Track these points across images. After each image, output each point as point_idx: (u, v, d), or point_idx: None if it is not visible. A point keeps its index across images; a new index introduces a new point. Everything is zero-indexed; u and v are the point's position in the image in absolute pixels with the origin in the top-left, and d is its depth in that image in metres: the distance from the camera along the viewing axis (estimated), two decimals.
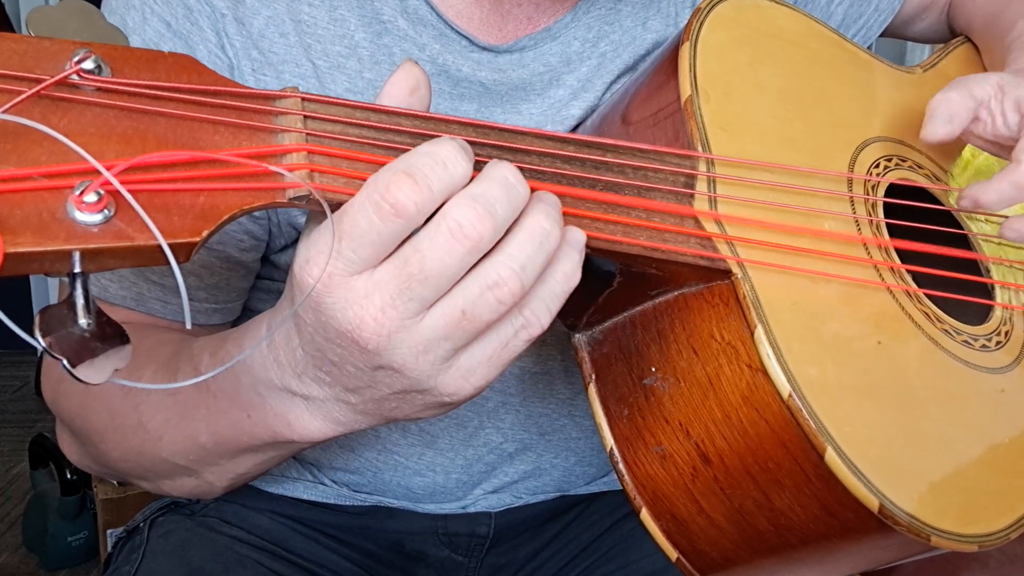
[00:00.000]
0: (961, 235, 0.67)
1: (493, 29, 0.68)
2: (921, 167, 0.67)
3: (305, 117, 0.42)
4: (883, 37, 0.88)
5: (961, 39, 0.82)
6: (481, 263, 0.41)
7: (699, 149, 0.53)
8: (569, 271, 0.44)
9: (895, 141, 0.66)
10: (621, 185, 0.49)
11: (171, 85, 0.39)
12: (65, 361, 0.34)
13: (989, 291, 0.65)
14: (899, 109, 0.68)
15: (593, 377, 0.56)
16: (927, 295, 0.59)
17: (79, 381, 0.35)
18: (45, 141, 0.35)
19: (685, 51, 0.56)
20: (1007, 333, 0.63)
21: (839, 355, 0.51)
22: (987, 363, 0.59)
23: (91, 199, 0.34)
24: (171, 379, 0.55)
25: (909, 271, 0.59)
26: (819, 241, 0.55)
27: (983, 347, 0.60)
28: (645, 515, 0.54)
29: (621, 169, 0.49)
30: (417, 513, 0.76)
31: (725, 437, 0.50)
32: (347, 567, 0.76)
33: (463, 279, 0.41)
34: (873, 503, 0.48)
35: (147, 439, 0.57)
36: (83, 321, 0.35)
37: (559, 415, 0.76)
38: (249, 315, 0.71)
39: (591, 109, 0.70)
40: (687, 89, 0.55)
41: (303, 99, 0.42)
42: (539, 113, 0.69)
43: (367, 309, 0.41)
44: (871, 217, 0.59)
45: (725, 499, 0.51)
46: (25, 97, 0.35)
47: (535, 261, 0.42)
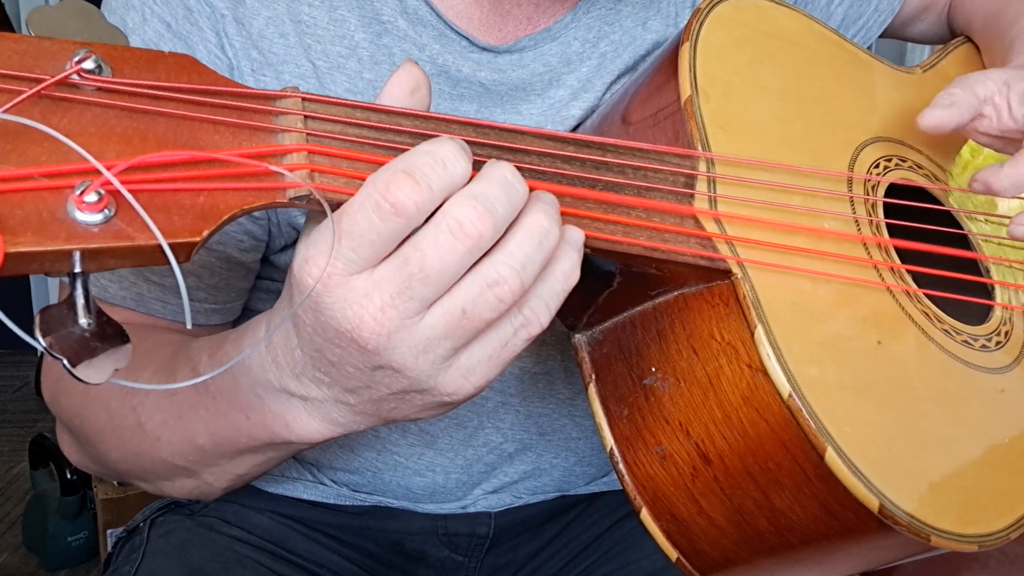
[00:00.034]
0: (961, 235, 0.67)
1: (493, 29, 0.68)
2: (921, 167, 0.67)
3: (305, 117, 0.42)
4: (883, 38, 0.88)
5: (961, 39, 0.82)
6: (481, 262, 0.41)
7: (699, 149, 0.53)
8: (568, 269, 0.44)
9: (895, 141, 0.66)
10: (621, 185, 0.49)
11: (171, 85, 0.39)
12: (65, 361, 0.34)
13: (989, 291, 0.65)
14: (899, 109, 0.68)
15: (593, 377, 0.56)
16: (927, 295, 0.59)
17: (79, 381, 0.35)
18: (45, 141, 0.35)
19: (685, 51, 0.56)
20: (1007, 333, 0.63)
21: (839, 355, 0.51)
22: (987, 363, 0.59)
23: (91, 199, 0.34)
24: (169, 380, 0.55)
25: (909, 271, 0.59)
26: (819, 241, 0.55)
27: (983, 347, 0.60)
28: (645, 515, 0.54)
29: (621, 169, 0.49)
30: (417, 513, 0.76)
31: (725, 437, 0.50)
32: (347, 567, 0.76)
33: (463, 278, 0.41)
34: (873, 503, 0.48)
35: (145, 440, 0.57)
36: (83, 321, 0.35)
37: (559, 415, 0.76)
38: (249, 315, 0.70)
39: (591, 109, 0.70)
40: (687, 89, 0.55)
41: (303, 99, 0.42)
42: (539, 113, 0.69)
43: (367, 308, 0.41)
44: (871, 217, 0.59)
45: (725, 499, 0.51)
46: (25, 97, 0.35)
47: (535, 259, 0.42)
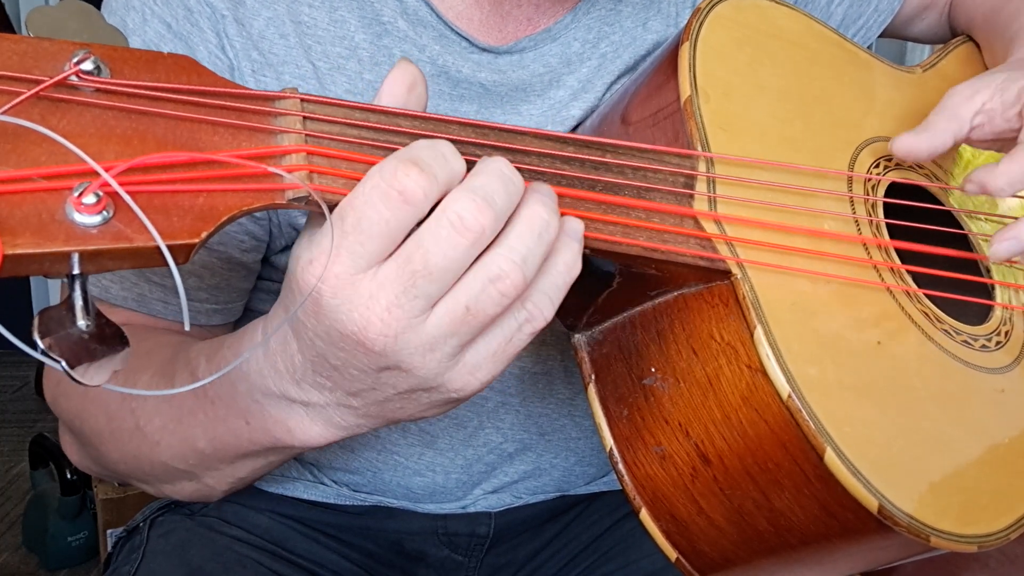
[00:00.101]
0: (961, 235, 0.67)
1: (493, 30, 0.68)
2: (921, 167, 0.67)
3: (304, 118, 0.41)
4: (883, 37, 0.88)
5: (961, 38, 0.82)
6: (482, 257, 0.41)
7: (699, 149, 0.53)
8: (570, 261, 0.44)
9: None
10: (621, 185, 0.49)
11: (170, 86, 0.39)
12: (64, 363, 0.34)
13: (989, 291, 0.65)
14: (899, 109, 0.68)
15: (593, 377, 0.56)
16: (927, 295, 0.59)
17: (77, 383, 0.35)
18: (44, 142, 0.35)
19: (685, 51, 0.56)
20: (1007, 333, 0.63)
21: (838, 355, 0.51)
22: (987, 363, 0.59)
23: (90, 200, 0.34)
24: (168, 384, 0.55)
25: (909, 271, 0.59)
26: (819, 241, 0.55)
27: (983, 347, 0.60)
28: (645, 515, 0.54)
29: (621, 169, 0.49)
30: (417, 513, 0.76)
31: (725, 437, 0.50)
32: (347, 567, 0.76)
33: (465, 274, 0.41)
34: (872, 503, 0.47)
35: (144, 443, 0.57)
36: (82, 323, 0.35)
37: (559, 415, 0.76)
38: (251, 315, 0.71)
39: (591, 110, 0.70)
40: (687, 89, 0.55)
41: (302, 100, 0.42)
42: (539, 114, 0.69)
43: (373, 310, 0.41)
44: (871, 217, 0.59)
45: (725, 499, 0.51)
46: (24, 98, 0.35)
47: (536, 252, 0.42)
